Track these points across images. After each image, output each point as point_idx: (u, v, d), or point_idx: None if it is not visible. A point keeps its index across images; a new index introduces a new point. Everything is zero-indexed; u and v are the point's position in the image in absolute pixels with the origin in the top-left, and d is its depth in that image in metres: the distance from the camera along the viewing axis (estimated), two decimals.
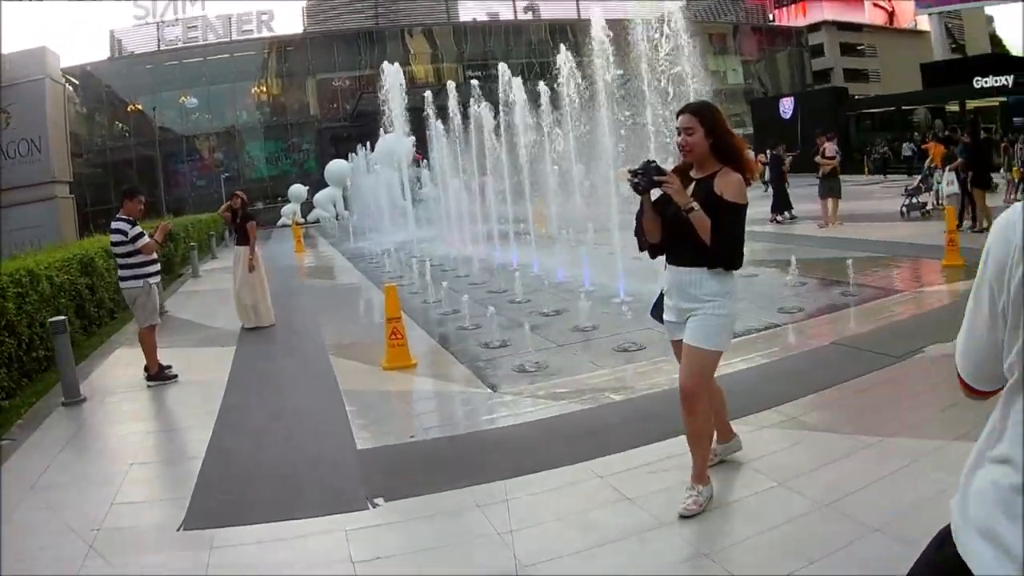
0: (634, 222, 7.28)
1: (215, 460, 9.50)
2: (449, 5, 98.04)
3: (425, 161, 45.76)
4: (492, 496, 7.64)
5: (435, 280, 21.94)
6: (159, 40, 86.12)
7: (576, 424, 9.72)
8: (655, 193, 6.97)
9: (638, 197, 7.00)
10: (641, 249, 7.45)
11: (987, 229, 22.86)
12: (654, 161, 6.97)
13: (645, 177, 6.82)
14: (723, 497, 7.20)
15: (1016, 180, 32.01)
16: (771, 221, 32.48)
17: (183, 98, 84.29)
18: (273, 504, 7.98)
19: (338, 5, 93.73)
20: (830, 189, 29.12)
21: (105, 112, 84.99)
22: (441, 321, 17.72)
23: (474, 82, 30.87)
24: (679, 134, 6.99)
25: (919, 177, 31.32)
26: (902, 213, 29.80)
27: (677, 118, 7.09)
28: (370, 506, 7.66)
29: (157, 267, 14.51)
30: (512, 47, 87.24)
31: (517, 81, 26.20)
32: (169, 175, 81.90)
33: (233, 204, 19.31)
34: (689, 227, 6.68)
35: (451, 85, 36.56)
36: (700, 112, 6.99)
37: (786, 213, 32.93)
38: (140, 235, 13.79)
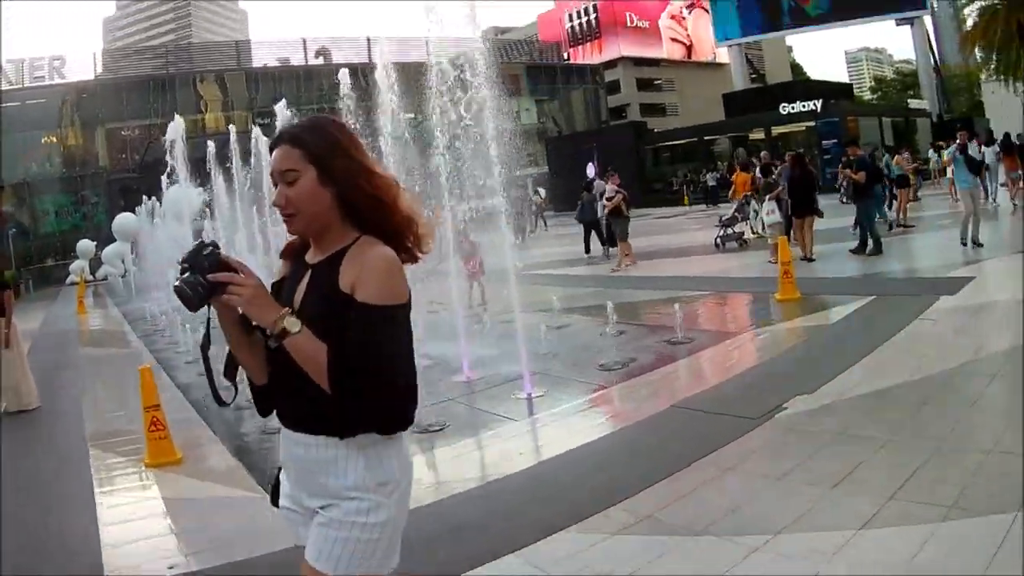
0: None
1: None
2: (240, 52, 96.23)
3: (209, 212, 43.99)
4: None
5: (214, 350, 19.95)
6: None
7: None
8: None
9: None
10: (257, 406, 4.21)
11: (812, 259, 22.45)
12: (212, 245, 3.71)
13: (194, 278, 3.63)
14: None
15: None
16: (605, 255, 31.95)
17: None
18: None
19: (131, 52, 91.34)
20: (620, 229, 28.00)
21: None
22: (208, 397, 15.65)
23: (255, 128, 29.13)
24: (274, 184, 3.78)
25: (734, 206, 30.44)
26: (717, 244, 29.34)
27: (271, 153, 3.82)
28: None
29: None
30: (303, 92, 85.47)
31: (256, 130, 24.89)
32: None
33: None
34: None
35: (232, 131, 35.16)
36: (303, 140, 3.74)
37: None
38: None
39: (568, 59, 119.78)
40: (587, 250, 33.76)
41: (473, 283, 21.97)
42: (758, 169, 29.68)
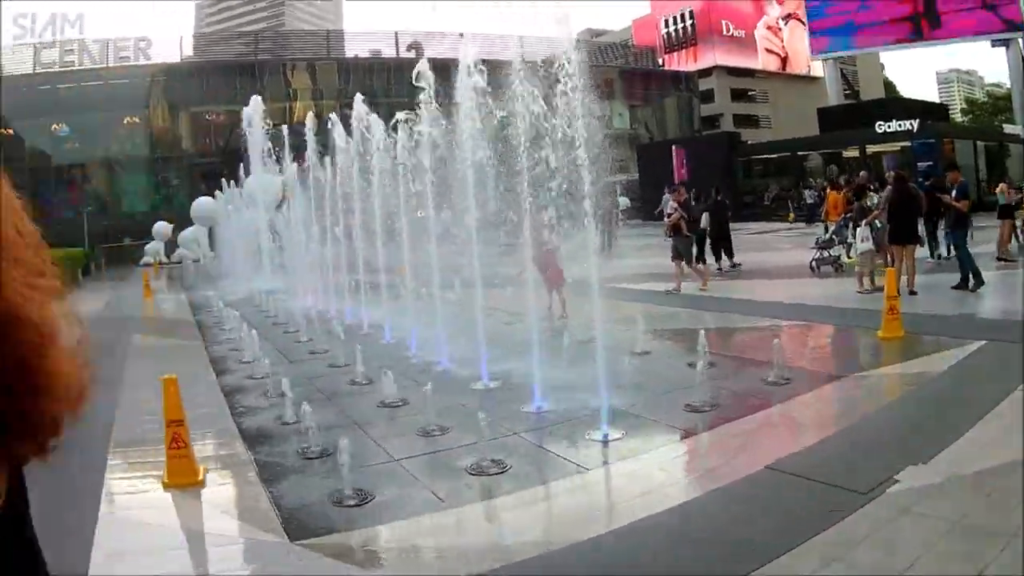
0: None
1: None
2: (332, 41, 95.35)
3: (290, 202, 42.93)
4: None
5: (271, 346, 20.11)
6: (35, 62, 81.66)
7: None
8: None
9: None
10: None
11: (915, 292, 20.62)
12: None
13: None
14: None
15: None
16: (732, 267, 31.13)
17: (55, 126, 79.97)
18: None
19: (220, 38, 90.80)
20: (674, 249, 26.07)
21: None
22: (257, 408, 14.28)
23: (333, 116, 27.85)
24: None
25: (832, 228, 28.66)
26: (812, 268, 27.67)
27: None
28: None
29: None
30: (393, 85, 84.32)
31: (374, 118, 23.46)
32: (36, 206, 76.53)
33: None
34: None
35: (310, 119, 34.24)
36: None
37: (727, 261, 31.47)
38: None
39: (663, 65, 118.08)
40: (694, 262, 31.40)
41: (552, 292, 20.59)
42: (850, 190, 27.94)
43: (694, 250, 27.20)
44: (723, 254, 31.57)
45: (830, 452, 9.79)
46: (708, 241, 31.48)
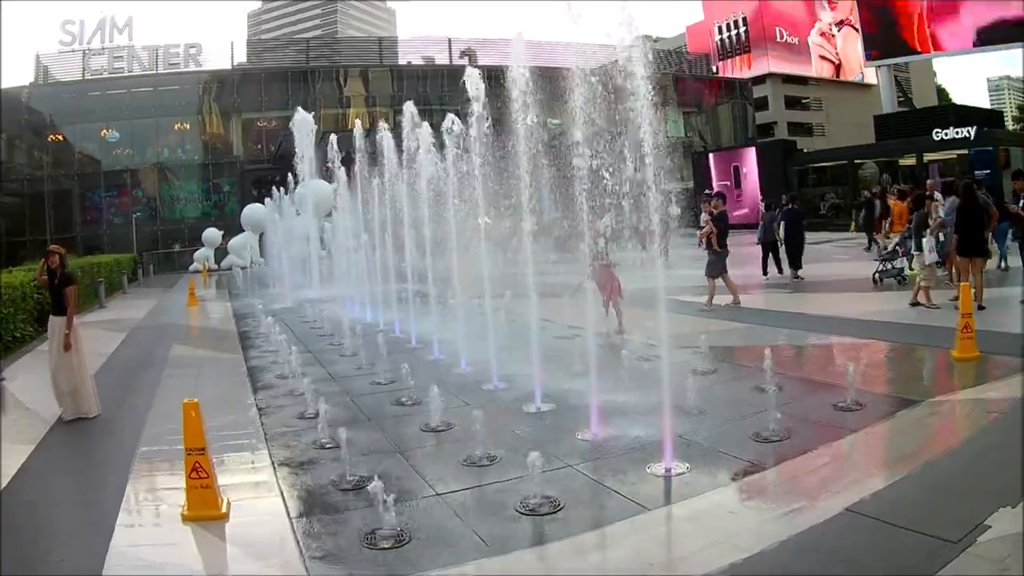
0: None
1: None
2: (384, 48, 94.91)
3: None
4: None
5: (314, 360, 19.83)
6: (84, 68, 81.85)
7: None
8: None
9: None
10: None
11: (983, 307, 19.50)
12: None
13: None
14: None
15: None
16: (794, 279, 30.60)
17: (105, 131, 79.94)
18: None
19: (273, 45, 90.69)
20: (708, 265, 24.66)
21: (25, 140, 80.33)
22: (293, 431, 13.31)
23: (383, 124, 27.36)
24: None
25: (895, 240, 27.55)
26: (875, 280, 26.50)
27: None
28: None
29: None
30: (446, 91, 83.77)
31: (425, 125, 22.89)
32: (85, 210, 78.90)
33: (50, 263, 15.28)
34: None
35: (358, 127, 33.34)
36: None
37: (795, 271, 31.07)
38: None
39: (716, 72, 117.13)
40: (764, 272, 31.98)
41: (609, 306, 19.76)
42: (909, 200, 26.90)
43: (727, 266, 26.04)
44: (789, 264, 31.09)
45: (912, 491, 8.83)
46: (782, 249, 31.35)
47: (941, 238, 22.25)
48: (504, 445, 11.34)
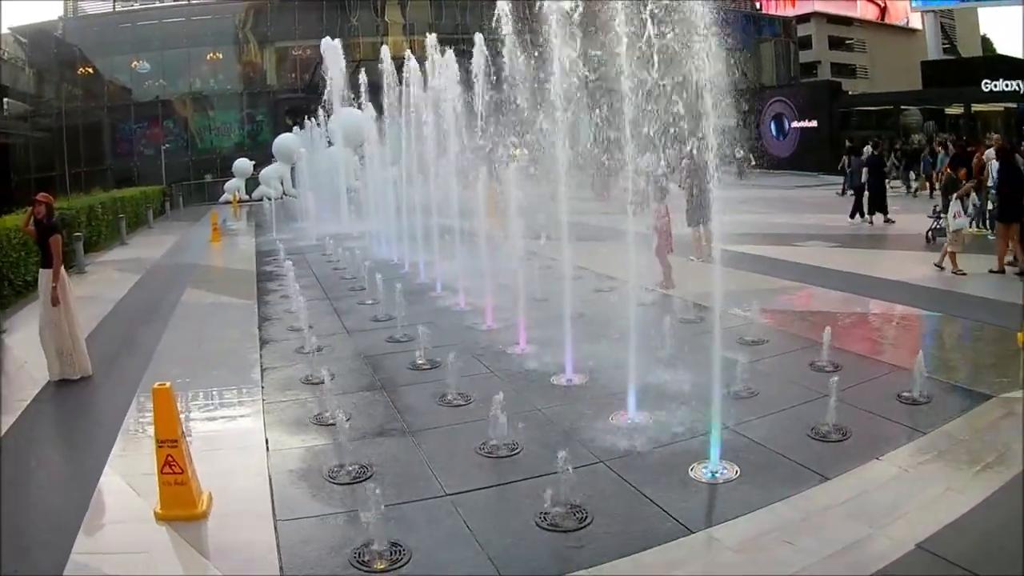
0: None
1: None
2: None
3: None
4: None
5: (331, 309, 19.16)
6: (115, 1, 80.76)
7: None
8: None
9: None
10: None
11: (1003, 269, 18.27)
12: None
13: None
14: None
15: None
16: (869, 223, 30.83)
17: (135, 63, 78.95)
18: None
19: None
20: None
21: (55, 74, 79.63)
22: (295, 400, 12.15)
23: (408, 53, 26.53)
24: None
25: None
26: (928, 238, 25.11)
27: None
28: None
29: None
30: (486, 21, 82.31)
31: (450, 53, 23.10)
32: (116, 142, 77.96)
33: (36, 213, 14.18)
34: None
35: (386, 55, 32.47)
36: None
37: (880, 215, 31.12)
38: None
39: (760, 9, 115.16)
40: (852, 215, 31.97)
41: (659, 257, 18.76)
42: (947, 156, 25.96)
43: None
44: (877, 210, 31.06)
45: (992, 524, 7.46)
46: (867, 196, 31.08)
47: (976, 202, 21.36)
48: (528, 430, 10.12)
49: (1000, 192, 20.19)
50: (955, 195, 21.00)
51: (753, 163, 48.73)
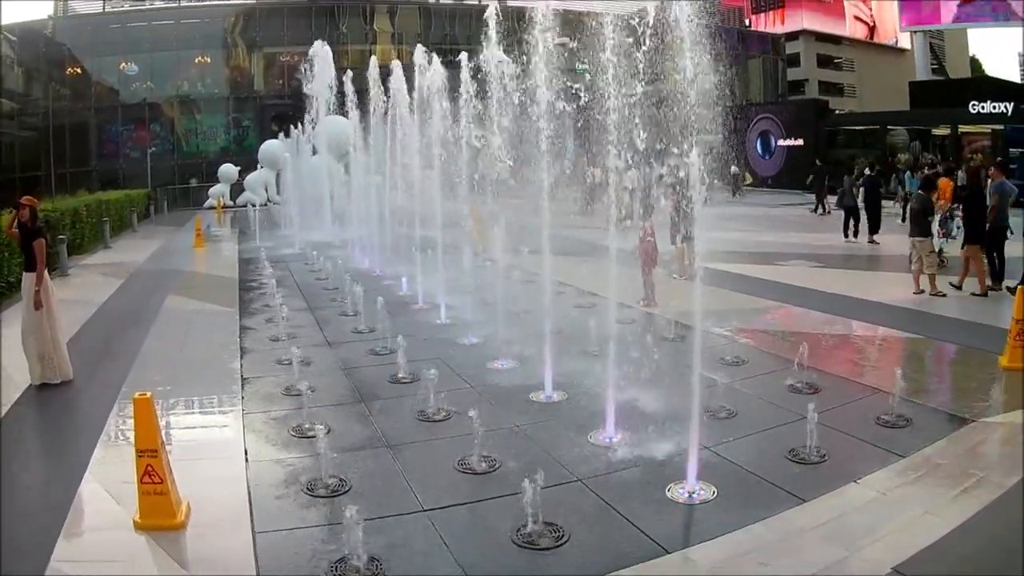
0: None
1: None
2: None
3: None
4: None
5: (312, 320, 19.13)
6: (105, 1, 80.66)
7: None
8: None
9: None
10: None
11: (986, 292, 18.66)
12: None
13: None
14: None
15: None
16: (869, 243, 30.76)
17: (123, 64, 78.79)
18: None
19: None
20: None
21: (43, 73, 79.34)
22: (274, 412, 12.12)
23: (396, 62, 26.64)
24: None
25: (937, 219, 26.42)
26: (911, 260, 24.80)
27: None
28: None
29: None
30: (474, 32, 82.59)
31: (435, 60, 23.08)
32: (102, 144, 77.45)
33: (20, 216, 14.17)
34: None
35: (373, 65, 32.79)
36: None
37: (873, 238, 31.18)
38: None
39: (749, 26, 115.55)
40: (845, 235, 32.23)
41: (643, 274, 18.79)
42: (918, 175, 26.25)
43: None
44: (870, 232, 31.36)
45: (969, 548, 7.59)
46: (863, 216, 31.58)
47: (960, 224, 21.93)
48: (506, 446, 10.20)
49: (966, 214, 20.50)
50: (932, 216, 21.09)
51: (748, 181, 49.05)
